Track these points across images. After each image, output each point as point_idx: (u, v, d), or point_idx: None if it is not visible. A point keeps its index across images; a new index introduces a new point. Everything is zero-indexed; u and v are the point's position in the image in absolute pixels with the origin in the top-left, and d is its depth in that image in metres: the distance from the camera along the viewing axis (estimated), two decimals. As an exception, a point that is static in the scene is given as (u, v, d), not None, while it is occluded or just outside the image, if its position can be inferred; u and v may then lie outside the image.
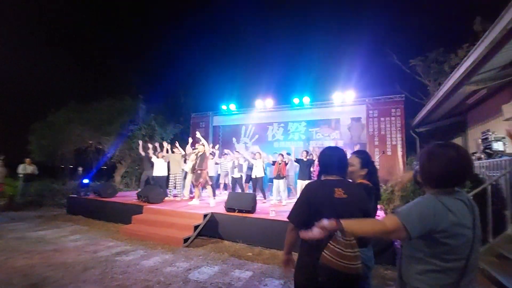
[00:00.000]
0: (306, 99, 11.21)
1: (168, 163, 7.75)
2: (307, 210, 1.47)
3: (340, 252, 1.24)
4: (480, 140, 6.19)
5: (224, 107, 12.98)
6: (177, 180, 7.62)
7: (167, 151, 8.00)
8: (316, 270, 1.34)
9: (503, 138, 5.48)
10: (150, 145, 8.03)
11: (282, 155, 7.35)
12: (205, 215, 5.40)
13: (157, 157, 7.61)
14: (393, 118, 9.80)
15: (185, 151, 7.94)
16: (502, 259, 3.13)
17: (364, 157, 1.88)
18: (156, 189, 6.85)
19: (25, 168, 9.50)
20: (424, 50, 12.17)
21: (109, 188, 7.59)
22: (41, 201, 8.92)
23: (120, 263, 3.92)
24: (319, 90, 12.03)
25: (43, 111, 11.65)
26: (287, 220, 1.61)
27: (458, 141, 10.06)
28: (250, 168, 8.02)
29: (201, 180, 6.38)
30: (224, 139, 13.00)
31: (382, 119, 9.95)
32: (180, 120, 14.54)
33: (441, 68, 11.55)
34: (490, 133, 5.75)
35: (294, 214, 1.55)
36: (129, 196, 7.67)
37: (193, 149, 7.25)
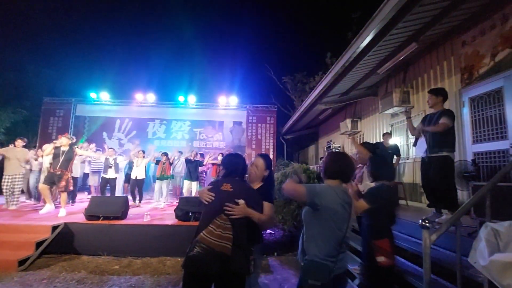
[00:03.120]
0: (192, 99, 11.09)
1: (2, 160, 5.76)
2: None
3: (212, 230, 1.54)
4: (325, 148, 8.04)
5: (93, 95, 10.92)
6: (16, 183, 5.75)
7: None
8: (191, 247, 1.57)
9: (339, 146, 7.32)
10: None
11: (167, 154, 6.91)
12: (54, 227, 4.29)
13: None
14: (268, 125, 11.17)
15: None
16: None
17: (268, 162, 2.19)
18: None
19: None
20: (293, 71, 14.74)
21: None
22: None
23: None
24: (205, 92, 12.23)
25: None
26: (163, 224, 1.70)
27: (312, 148, 12.65)
28: (130, 167, 7.16)
29: (63, 183, 5.05)
30: (90, 132, 10.90)
31: (259, 125, 11.15)
32: (26, 105, 11.10)
33: (304, 88, 14.27)
34: (332, 142, 7.57)
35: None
36: None
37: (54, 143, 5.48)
